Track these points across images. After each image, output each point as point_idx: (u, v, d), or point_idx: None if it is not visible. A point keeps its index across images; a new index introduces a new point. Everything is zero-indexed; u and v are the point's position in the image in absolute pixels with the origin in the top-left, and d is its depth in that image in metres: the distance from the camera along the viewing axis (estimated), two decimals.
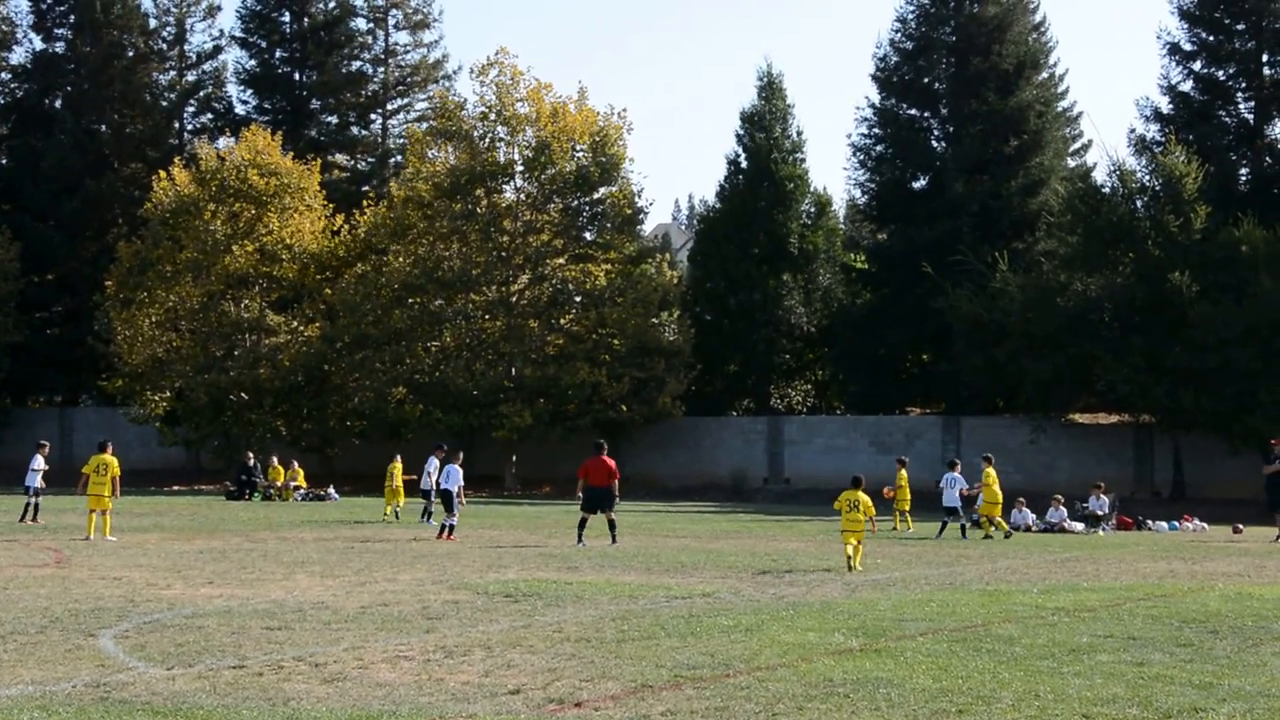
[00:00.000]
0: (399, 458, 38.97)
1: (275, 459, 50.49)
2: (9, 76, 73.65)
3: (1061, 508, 38.08)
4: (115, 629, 14.81)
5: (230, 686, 11.57)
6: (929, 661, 13.18)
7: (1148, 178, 50.52)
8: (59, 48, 72.11)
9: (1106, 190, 51.42)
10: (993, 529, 33.63)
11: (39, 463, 33.71)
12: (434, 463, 34.68)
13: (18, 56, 73.55)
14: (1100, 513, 38.16)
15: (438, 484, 32.02)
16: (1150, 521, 39.42)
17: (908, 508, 36.00)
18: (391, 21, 72.15)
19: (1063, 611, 17.43)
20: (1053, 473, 51.59)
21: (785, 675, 12.38)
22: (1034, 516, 38.16)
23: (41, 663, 12.64)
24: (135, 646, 13.66)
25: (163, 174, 59.32)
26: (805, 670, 12.64)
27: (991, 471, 34.18)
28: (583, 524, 28.21)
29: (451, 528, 29.65)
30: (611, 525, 28.20)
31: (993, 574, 23.03)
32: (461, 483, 30.87)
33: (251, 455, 50.07)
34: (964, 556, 26.96)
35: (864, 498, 23.64)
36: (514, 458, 56.22)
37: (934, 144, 60.64)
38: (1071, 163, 62.87)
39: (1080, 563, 26.00)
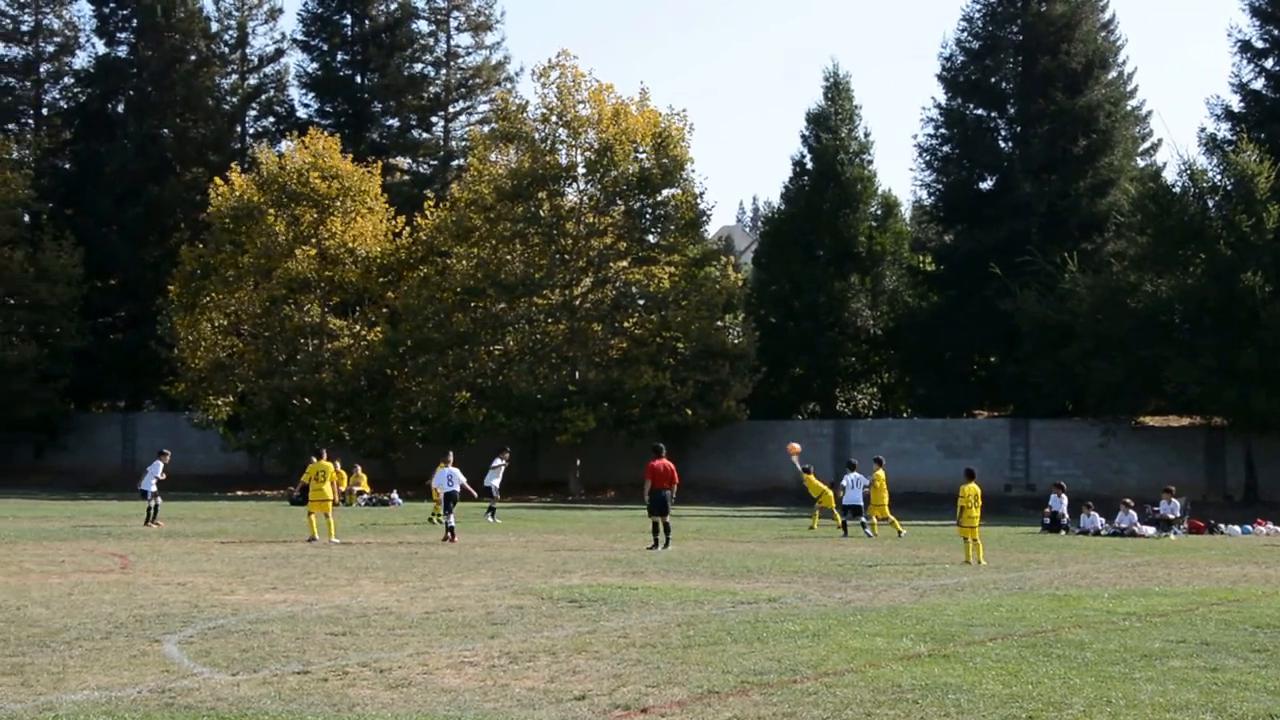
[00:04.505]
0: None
1: (338, 464, 50.59)
2: (72, 81, 74.49)
3: (1131, 511, 37.63)
4: (180, 634, 14.85)
5: (295, 692, 11.56)
6: (998, 667, 13.06)
7: (1219, 177, 49.72)
8: (121, 52, 72.77)
9: (1177, 190, 50.66)
10: (878, 527, 34.72)
11: (159, 469, 35.02)
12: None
13: (81, 61, 74.56)
14: (1171, 516, 37.68)
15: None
16: (1222, 525, 38.86)
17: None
18: (453, 23, 72.41)
19: (1134, 616, 17.23)
20: (1122, 476, 51.04)
21: (853, 681, 12.29)
22: (1103, 520, 37.72)
23: (107, 668, 12.68)
24: (200, 652, 13.69)
25: (219, 180, 59.72)
26: (873, 676, 12.55)
27: (881, 474, 34.94)
28: (656, 528, 28.19)
29: (451, 530, 30.04)
30: (667, 529, 28.21)
31: (1063, 579, 22.78)
32: (461, 484, 31.36)
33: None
34: (1034, 561, 26.69)
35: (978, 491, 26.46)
36: (578, 462, 56.16)
37: (1001, 144, 60.11)
38: (1141, 162, 62.14)
39: (1151, 567, 25.70)
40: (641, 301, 57.26)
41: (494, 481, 38.18)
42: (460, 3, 71.86)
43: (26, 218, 66.74)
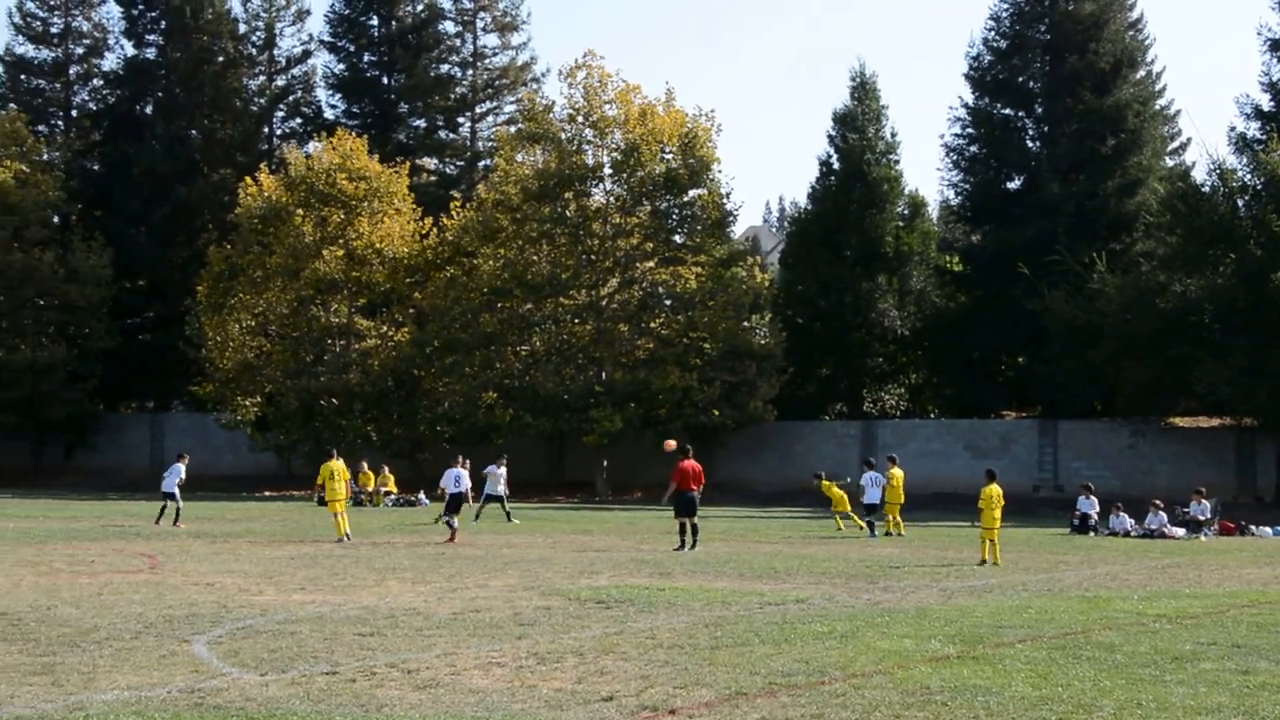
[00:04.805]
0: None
1: (365, 464, 50.60)
2: (101, 83, 74.88)
3: (1161, 513, 37.43)
4: (209, 634, 14.89)
5: (323, 693, 11.58)
6: (1028, 669, 13.00)
7: (1249, 176, 49.40)
8: (150, 54, 73.06)
9: (1206, 189, 50.35)
10: (893, 526, 34.86)
11: (181, 471, 35.82)
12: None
13: (110, 63, 74.91)
14: (1202, 518, 37.50)
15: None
16: (1253, 527, 38.63)
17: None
18: (480, 24, 72.43)
19: (1164, 618, 17.14)
20: (1152, 477, 50.75)
21: (881, 683, 12.24)
22: (1132, 522, 37.54)
23: (137, 668, 12.72)
24: (229, 652, 13.72)
25: (249, 180, 59.95)
26: (902, 678, 12.50)
27: (897, 471, 35.08)
28: (683, 529, 28.21)
29: (453, 530, 30.55)
30: (695, 530, 28.22)
31: (1092, 580, 22.69)
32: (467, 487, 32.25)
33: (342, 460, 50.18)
34: (1063, 563, 26.59)
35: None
36: (604, 462, 56.13)
37: (1029, 144, 59.88)
38: (1170, 162, 61.87)
39: (1181, 569, 25.56)
40: (668, 302, 57.19)
41: (499, 488, 38.26)
42: (487, 3, 71.88)
43: (56, 219, 67.08)
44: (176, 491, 35.11)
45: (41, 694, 11.41)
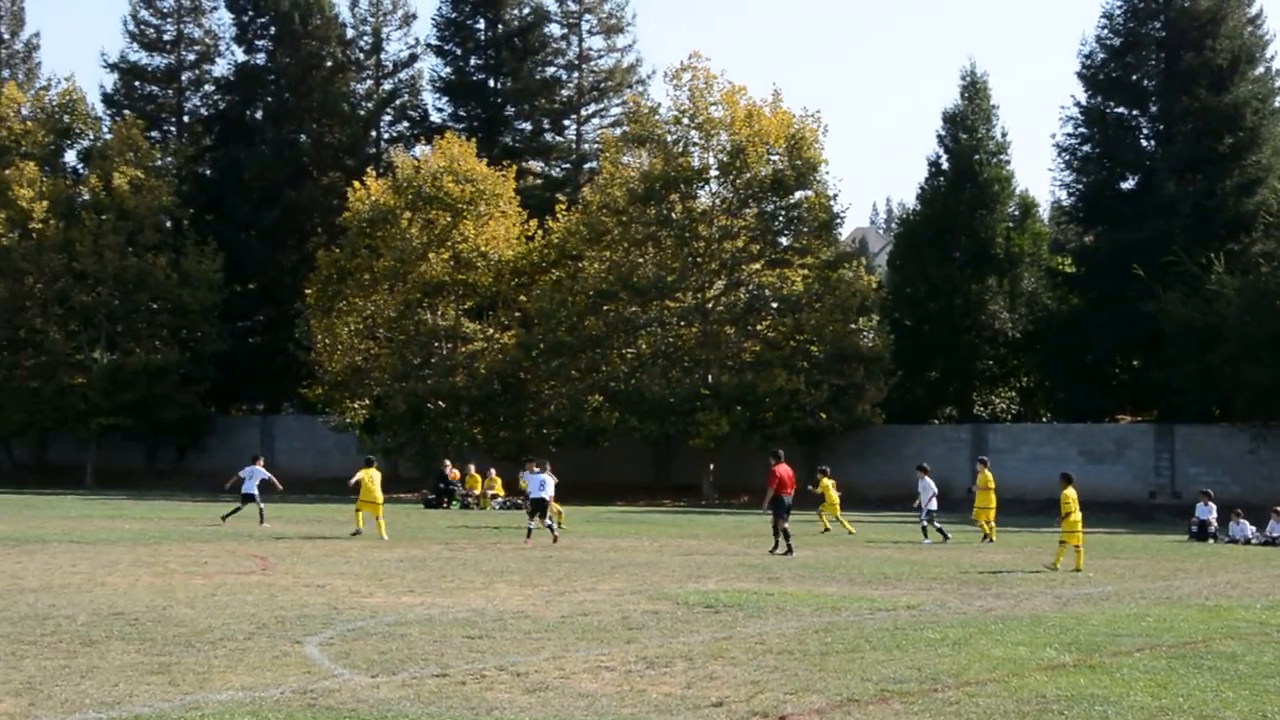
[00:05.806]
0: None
1: (473, 467, 50.84)
2: (212, 89, 75.85)
3: None
4: (320, 636, 15.00)
5: (434, 695, 11.62)
6: (1146, 678, 12.80)
7: None
8: (260, 59, 73.96)
9: None
10: (994, 531, 33.89)
11: (261, 472, 36.52)
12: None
13: (220, 69, 75.88)
14: None
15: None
16: None
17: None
18: (585, 26, 72.53)
19: None
20: (1273, 483, 49.48)
21: (995, 691, 12.10)
22: (1253, 529, 36.78)
23: (250, 669, 12.85)
24: (340, 654, 13.81)
25: (357, 184, 60.48)
26: (1016, 686, 12.34)
27: (987, 474, 33.99)
28: (777, 530, 28.11)
29: (530, 531, 30.71)
30: (787, 535, 28.08)
31: (1212, 588, 22.26)
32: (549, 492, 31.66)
33: (449, 464, 50.55)
34: (1181, 570, 26.11)
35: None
36: (711, 466, 56.00)
37: (1143, 143, 59.03)
38: None
39: None
40: (775, 304, 56.91)
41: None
42: (592, 6, 72.03)
43: (169, 224, 68.10)
44: (256, 493, 35.73)
45: (158, 693, 11.56)
